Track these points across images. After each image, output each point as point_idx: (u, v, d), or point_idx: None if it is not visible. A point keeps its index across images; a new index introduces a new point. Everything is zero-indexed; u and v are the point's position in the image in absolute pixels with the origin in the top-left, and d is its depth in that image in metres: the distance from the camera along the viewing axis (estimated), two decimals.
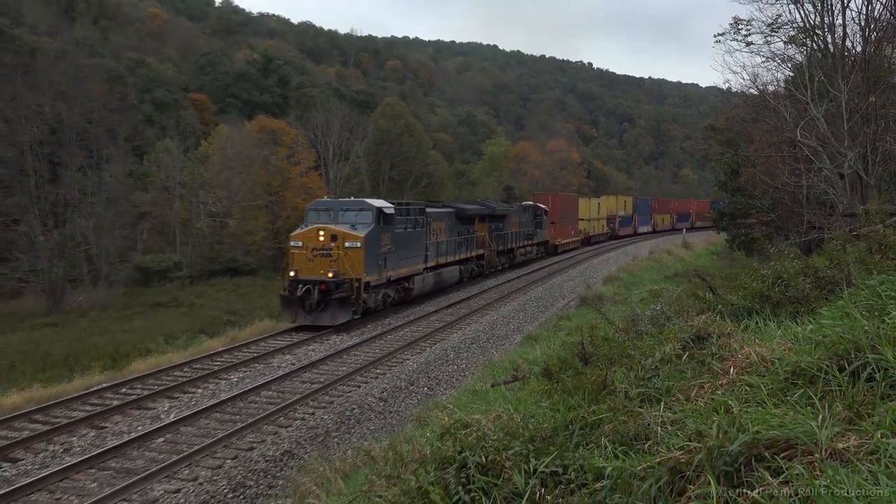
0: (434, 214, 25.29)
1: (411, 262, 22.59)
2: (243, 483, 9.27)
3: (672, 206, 78.92)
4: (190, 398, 12.88)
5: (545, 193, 48.64)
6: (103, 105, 46.82)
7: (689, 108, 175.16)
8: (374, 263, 19.69)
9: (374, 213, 19.93)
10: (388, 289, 21.49)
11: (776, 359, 4.16)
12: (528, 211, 38.88)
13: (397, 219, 21.27)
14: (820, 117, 16.04)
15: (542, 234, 41.40)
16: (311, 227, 19.45)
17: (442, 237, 25.93)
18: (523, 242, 37.26)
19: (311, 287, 18.53)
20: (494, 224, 32.51)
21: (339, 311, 18.53)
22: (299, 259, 19.14)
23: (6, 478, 9.12)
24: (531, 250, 39.14)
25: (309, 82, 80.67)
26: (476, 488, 3.86)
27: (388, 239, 20.57)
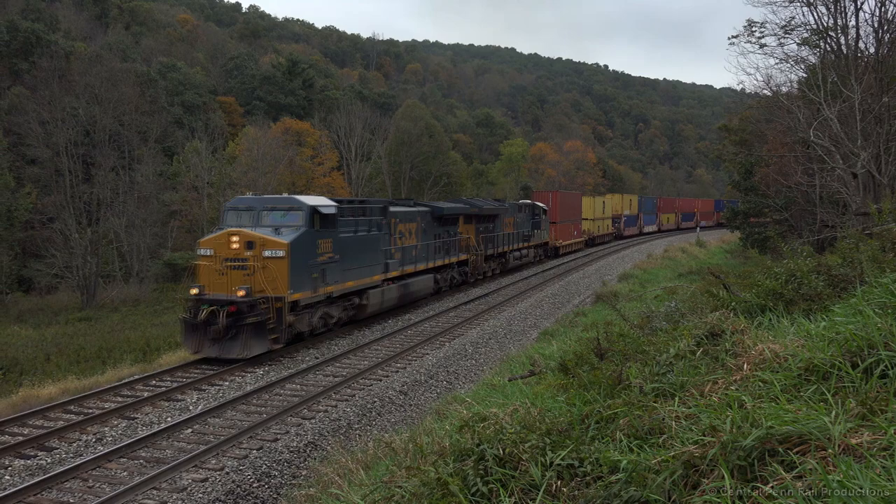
0: (401, 214, 21.49)
1: (364, 273, 18.61)
2: (268, 473, 9.47)
3: (677, 205, 77.28)
4: (217, 390, 13.16)
5: (545, 191, 45.60)
6: (135, 108, 47.82)
7: (704, 108, 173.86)
8: (305, 276, 15.71)
9: (306, 213, 15.88)
10: (331, 307, 17.54)
11: (789, 355, 4.19)
12: (524, 210, 35.33)
13: (343, 220, 17.47)
14: (833, 118, 15.90)
15: (542, 235, 38.02)
16: (223, 232, 15.55)
17: (412, 241, 22.12)
18: (518, 245, 33.86)
19: (216, 309, 14.45)
20: (483, 225, 29.12)
21: (253, 339, 14.58)
22: (207, 272, 15.26)
23: (42, 466, 9.42)
24: (528, 253, 35.59)
25: (332, 85, 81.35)
26: (494, 480, 3.91)
27: (328, 245, 16.73)
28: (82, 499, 8.36)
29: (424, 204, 25.31)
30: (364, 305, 18.95)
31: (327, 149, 55.91)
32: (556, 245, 41.09)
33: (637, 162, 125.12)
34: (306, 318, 16.38)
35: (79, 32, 62.94)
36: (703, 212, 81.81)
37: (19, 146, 44.38)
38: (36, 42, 51.43)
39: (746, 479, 3.13)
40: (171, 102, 57.11)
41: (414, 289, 21.97)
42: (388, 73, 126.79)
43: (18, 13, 56.21)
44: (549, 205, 40.09)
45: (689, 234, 65.61)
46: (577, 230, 45.62)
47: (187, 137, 50.09)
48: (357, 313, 18.96)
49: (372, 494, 4.81)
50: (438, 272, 24.75)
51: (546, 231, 38.94)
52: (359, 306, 18.90)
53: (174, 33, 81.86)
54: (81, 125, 44.91)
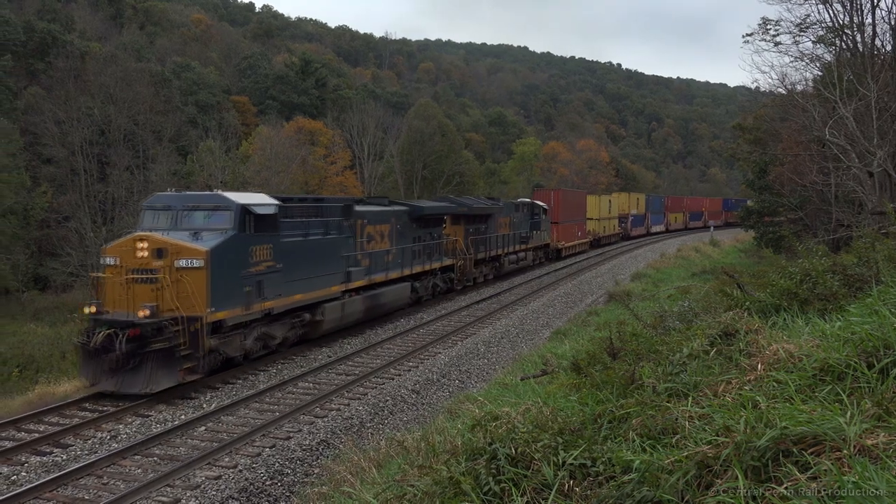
0: (370, 215, 18.89)
1: (318, 284, 15.99)
2: (281, 471, 9.53)
3: (685, 205, 75.37)
4: (231, 388, 13.25)
5: (546, 189, 43.45)
6: (149, 107, 48.24)
7: (718, 107, 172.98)
8: (233, 290, 13.06)
9: (235, 213, 13.25)
10: (272, 326, 14.83)
11: (804, 355, 4.16)
12: (521, 210, 32.80)
13: (288, 221, 15.03)
14: (849, 116, 15.78)
15: (542, 236, 35.46)
16: (129, 237, 13.13)
17: (383, 245, 19.50)
18: (515, 247, 31.25)
19: (115, 332, 11.76)
20: (473, 226, 26.66)
21: (160, 370, 11.90)
22: (111, 286, 12.57)
23: (58, 462, 9.53)
24: (525, 256, 32.99)
25: (345, 84, 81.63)
26: (506, 479, 3.92)
27: (267, 252, 14.05)
28: (97, 495, 8.45)
29: (402, 203, 22.79)
30: (318, 322, 16.19)
31: (340, 148, 56.13)
32: (557, 247, 38.71)
33: (650, 161, 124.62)
34: (237, 341, 13.59)
35: (94, 33, 63.54)
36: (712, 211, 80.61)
37: (35, 145, 44.91)
38: (52, 42, 51.98)
39: (760, 480, 3.12)
40: (185, 102, 57.52)
41: (385, 300, 19.33)
42: (401, 73, 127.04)
43: (35, 14, 56.85)
44: (551, 204, 37.87)
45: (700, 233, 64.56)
46: (581, 231, 43.50)
47: (201, 137, 50.43)
48: (309, 331, 16.23)
49: (384, 493, 4.83)
50: (417, 279, 21.85)
51: (547, 232, 36.61)
52: (311, 323, 16.12)
53: (188, 33, 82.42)
54: (96, 124, 45.38)
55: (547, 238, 36.76)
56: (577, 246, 42.57)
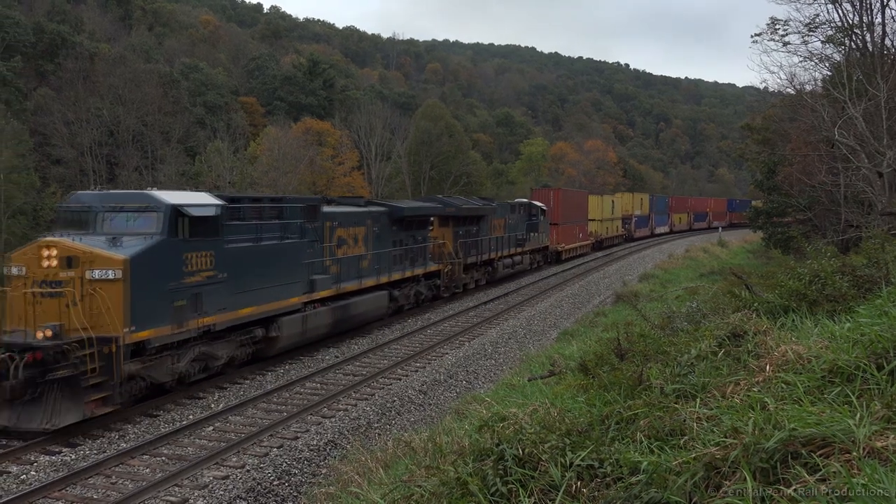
0: (341, 217, 17.26)
1: (273, 295, 14.11)
2: (288, 471, 9.55)
3: (689, 205, 73.83)
4: (238, 388, 13.31)
5: (545, 189, 41.48)
6: (158, 108, 48.49)
7: (726, 107, 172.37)
8: (160, 305, 11.17)
9: (164, 215, 11.37)
10: (214, 345, 12.78)
11: (813, 357, 4.15)
12: (518, 210, 31.21)
13: (235, 225, 13.11)
14: (858, 116, 15.70)
15: (540, 238, 33.78)
16: (34, 243, 11.26)
17: (357, 249, 17.82)
18: (510, 250, 29.59)
19: (10, 357, 9.94)
20: (463, 228, 24.99)
21: (63, 401, 10.06)
22: (12, 301, 10.78)
23: (66, 462, 9.59)
24: (522, 260, 31.13)
25: (353, 85, 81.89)
26: (513, 480, 3.93)
27: (206, 259, 12.15)
28: (105, 495, 8.49)
29: (380, 203, 21.01)
30: (274, 338, 14.33)
31: (347, 149, 56.26)
32: (557, 249, 37.07)
33: (658, 161, 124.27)
34: (166, 364, 11.61)
35: (103, 34, 63.93)
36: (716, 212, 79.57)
37: (45, 146, 45.24)
38: (61, 43, 52.33)
39: (769, 482, 3.12)
40: (194, 103, 57.78)
41: (358, 310, 17.56)
42: (409, 73, 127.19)
43: (44, 15, 57.25)
44: (550, 204, 36.22)
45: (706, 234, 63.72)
46: (582, 232, 41.95)
47: (209, 137, 50.66)
48: (264, 348, 14.42)
49: (391, 493, 4.84)
50: (397, 287, 20.04)
51: (545, 234, 34.89)
52: (265, 339, 14.26)
53: (196, 34, 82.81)
54: (105, 125, 45.67)
55: (545, 240, 35.12)
56: (578, 248, 41.03)
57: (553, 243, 36.63)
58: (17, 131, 41.13)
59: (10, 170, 37.75)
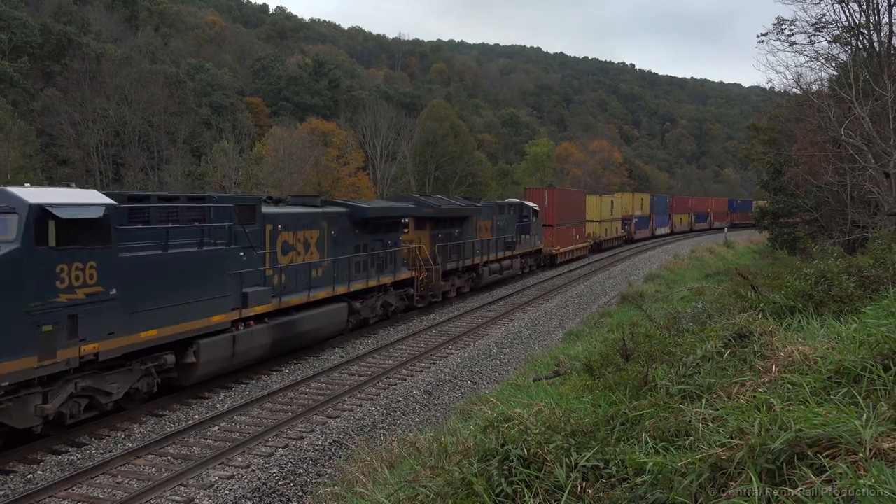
0: (286, 218, 14.95)
1: (187, 313, 11.78)
2: (294, 471, 9.57)
3: (690, 205, 71.73)
4: (244, 388, 13.33)
5: (539, 188, 40.03)
6: (164, 108, 48.71)
7: (732, 107, 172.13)
8: (17, 330, 8.93)
9: (23, 218, 9.12)
10: (103, 378, 10.47)
11: (819, 357, 4.14)
12: (507, 211, 29.26)
13: (133, 230, 11.06)
14: (865, 116, 15.64)
15: (532, 241, 31.48)
16: None
17: (309, 256, 15.56)
18: (497, 254, 27.33)
19: None
20: (443, 230, 22.81)
21: None
22: None
23: (73, 461, 9.62)
24: (511, 264, 28.92)
25: (358, 85, 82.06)
26: (518, 480, 3.93)
27: (88, 272, 9.90)
28: (111, 494, 8.52)
29: (340, 203, 18.58)
30: (190, 365, 11.99)
31: (353, 149, 56.39)
32: (551, 252, 34.89)
33: (664, 161, 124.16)
34: (29, 406, 9.28)
35: (109, 35, 64.24)
36: (717, 212, 77.29)
37: (51, 147, 45.49)
38: (68, 44, 52.61)
39: (775, 483, 3.11)
40: (200, 103, 58.00)
41: (307, 327, 15.04)
42: (414, 73, 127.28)
43: (51, 16, 57.55)
44: (545, 204, 34.35)
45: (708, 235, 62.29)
46: (579, 234, 39.85)
47: (215, 138, 50.83)
48: (179, 377, 12.04)
49: (396, 493, 4.85)
50: (360, 298, 17.71)
51: (538, 236, 32.59)
52: (179, 367, 11.90)
53: (202, 35, 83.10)
54: (112, 126, 45.89)
55: (538, 243, 32.75)
56: (574, 251, 38.79)
57: (547, 246, 34.54)
58: (24, 132, 41.38)
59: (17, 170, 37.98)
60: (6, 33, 49.67)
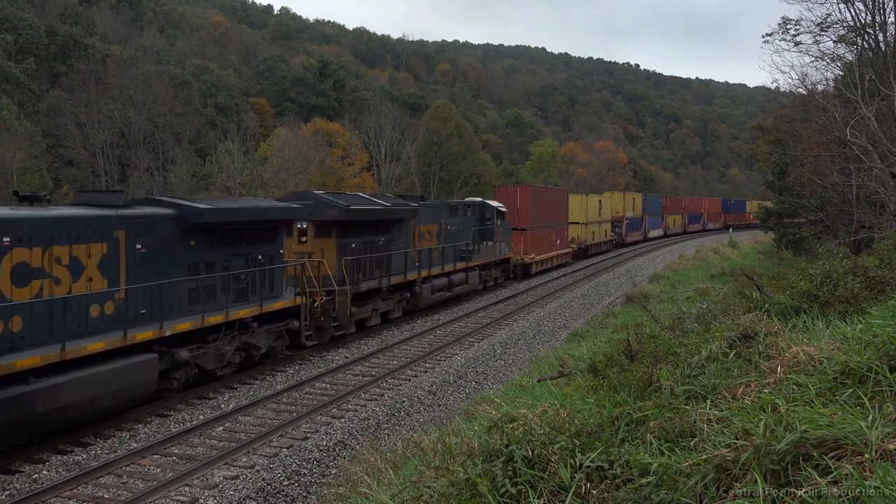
0: (25, 226, 9.56)
1: None
2: (298, 471, 9.58)
3: (684, 206, 68.10)
4: (248, 389, 13.36)
5: (511, 186, 35.34)
6: (169, 109, 48.86)
7: (737, 108, 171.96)
8: None
9: None
10: None
11: (825, 358, 4.13)
12: (461, 213, 24.28)
13: None
14: (871, 116, 15.59)
15: (497, 248, 26.81)
16: None
17: (82, 284, 10.30)
18: (446, 266, 22.20)
19: None
20: (359, 239, 17.72)
21: None
22: None
23: (78, 462, 9.66)
24: (467, 277, 23.83)
25: (362, 86, 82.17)
26: (523, 481, 3.92)
27: None
28: (116, 494, 8.54)
29: (161, 202, 12.70)
30: None
31: (357, 149, 56.50)
32: (524, 261, 30.24)
33: (669, 162, 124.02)
34: None
35: (115, 36, 64.51)
36: (711, 212, 74.16)
37: (57, 147, 45.68)
38: (73, 46, 52.84)
39: (780, 484, 3.10)
40: (205, 104, 58.17)
41: (61, 401, 9.52)
42: (418, 74, 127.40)
43: (57, 17, 57.81)
44: (517, 205, 30.21)
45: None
46: (560, 239, 35.25)
47: (220, 138, 50.97)
48: None
49: (401, 494, 4.85)
50: (192, 344, 12.22)
51: (506, 242, 27.94)
52: None
53: (207, 35, 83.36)
54: (117, 127, 46.07)
55: (506, 250, 28.03)
56: (554, 259, 34.19)
57: (519, 253, 30.03)
58: (29, 133, 41.57)
59: (23, 171, 38.13)
60: (12, 34, 49.90)
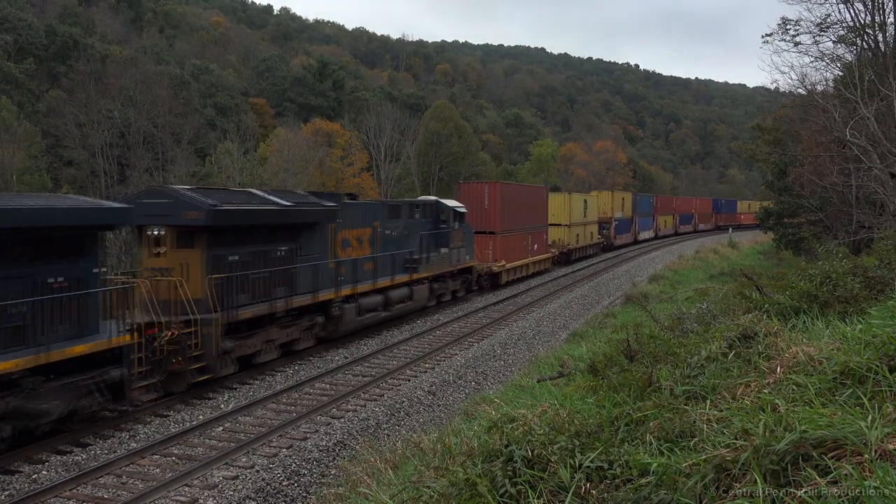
0: None
1: None
2: (298, 471, 9.58)
3: (675, 206, 65.02)
4: (248, 389, 13.36)
5: (478, 183, 30.11)
6: (169, 109, 48.85)
7: (736, 108, 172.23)
8: None
9: None
10: None
11: (824, 358, 4.12)
12: (405, 214, 20.30)
13: None
14: (870, 116, 15.59)
15: (454, 255, 22.77)
16: None
17: None
18: (379, 281, 18.07)
19: None
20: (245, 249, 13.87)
21: None
22: None
23: (77, 462, 9.65)
24: (411, 293, 19.82)
25: (362, 86, 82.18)
26: (522, 481, 3.92)
27: None
28: (116, 494, 8.55)
29: None
30: None
31: (357, 150, 56.50)
32: (492, 270, 26.36)
33: (668, 162, 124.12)
34: None
35: (114, 36, 64.50)
36: (701, 213, 71.76)
37: (56, 148, 45.67)
38: (73, 46, 52.82)
39: (780, 484, 3.09)
40: (204, 104, 58.15)
41: None
42: (418, 74, 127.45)
43: (56, 17, 57.81)
44: (486, 205, 26.70)
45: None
46: (538, 243, 31.76)
47: (219, 139, 50.95)
48: None
49: (400, 494, 4.84)
50: None
51: (467, 248, 23.95)
52: None
53: (207, 36, 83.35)
54: (116, 127, 46.05)
55: (467, 258, 24.05)
56: (530, 266, 30.73)
57: (487, 260, 26.38)
58: (29, 133, 41.56)
59: (22, 171, 38.12)
60: (12, 34, 49.89)
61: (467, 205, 25.50)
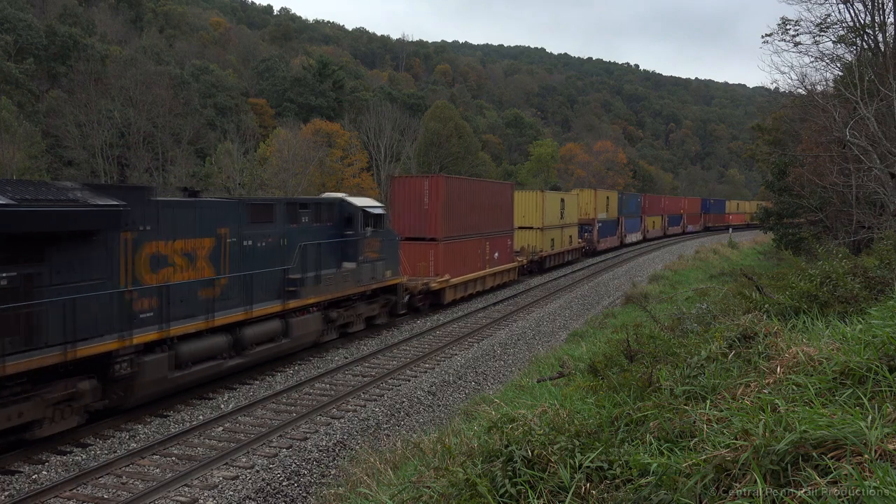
0: None
1: None
2: (297, 471, 9.57)
3: (663, 206, 61.39)
4: (248, 389, 13.36)
5: (417, 177, 25.76)
6: (169, 110, 48.87)
7: (736, 108, 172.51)
8: None
9: None
10: None
11: (824, 358, 4.12)
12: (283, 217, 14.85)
13: None
14: (870, 117, 15.61)
15: (370, 271, 17.60)
16: None
17: None
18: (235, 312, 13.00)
19: None
20: None
21: None
22: None
23: (77, 462, 9.65)
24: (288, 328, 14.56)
25: (362, 86, 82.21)
26: (522, 481, 3.92)
27: None
28: (116, 494, 8.54)
29: None
30: None
31: (357, 150, 56.54)
32: (432, 287, 21.04)
33: (668, 162, 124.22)
34: None
35: (114, 36, 64.51)
36: (690, 213, 69.14)
37: (56, 148, 45.68)
38: (73, 46, 52.81)
39: (779, 484, 3.09)
40: (204, 104, 58.15)
41: None
42: (418, 74, 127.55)
43: (56, 18, 57.80)
44: (426, 204, 21.50)
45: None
46: (500, 250, 26.87)
47: (219, 139, 50.98)
48: None
49: (400, 494, 4.84)
50: None
51: (391, 261, 18.84)
52: None
53: (207, 36, 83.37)
54: (116, 127, 46.06)
55: (390, 273, 18.83)
56: (487, 279, 25.47)
57: (426, 274, 21.34)
58: (29, 133, 41.57)
59: (22, 171, 38.13)
60: (12, 35, 49.89)
61: (402, 204, 21.37)
